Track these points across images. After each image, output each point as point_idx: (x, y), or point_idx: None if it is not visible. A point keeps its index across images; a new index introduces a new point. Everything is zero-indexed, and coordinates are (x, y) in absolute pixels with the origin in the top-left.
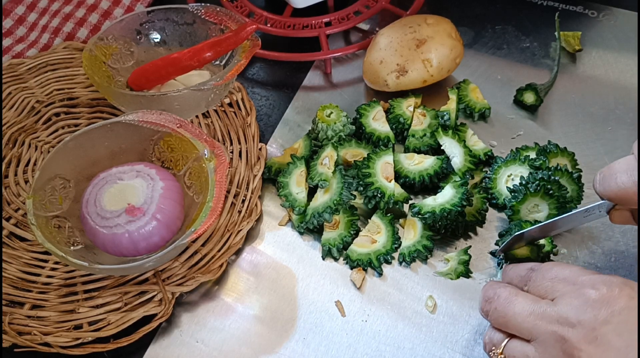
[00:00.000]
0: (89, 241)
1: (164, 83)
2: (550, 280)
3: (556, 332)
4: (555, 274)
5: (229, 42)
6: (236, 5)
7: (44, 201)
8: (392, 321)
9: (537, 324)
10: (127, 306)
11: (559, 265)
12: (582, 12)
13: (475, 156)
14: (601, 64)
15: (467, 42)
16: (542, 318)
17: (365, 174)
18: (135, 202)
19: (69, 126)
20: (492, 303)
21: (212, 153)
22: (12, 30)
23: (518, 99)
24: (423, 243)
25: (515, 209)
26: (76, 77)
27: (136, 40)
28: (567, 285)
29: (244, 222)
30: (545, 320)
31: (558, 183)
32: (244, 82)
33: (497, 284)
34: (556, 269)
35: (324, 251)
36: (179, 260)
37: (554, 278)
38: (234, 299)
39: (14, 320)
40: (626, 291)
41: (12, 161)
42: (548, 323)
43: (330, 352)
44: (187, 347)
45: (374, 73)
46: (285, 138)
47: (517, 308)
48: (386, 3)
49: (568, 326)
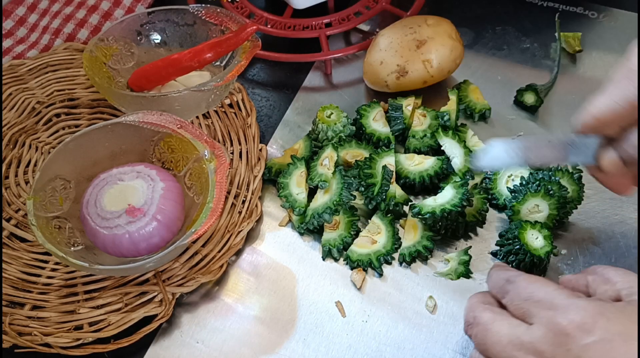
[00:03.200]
0: (89, 241)
1: (164, 84)
2: (525, 300)
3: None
4: (530, 294)
5: (229, 43)
6: (236, 6)
7: (45, 201)
8: (392, 321)
9: (515, 354)
10: (127, 307)
11: (533, 283)
12: (583, 13)
13: None
14: (601, 65)
15: (468, 43)
16: (520, 349)
17: (367, 174)
18: (135, 203)
19: (70, 126)
20: (472, 329)
21: (213, 154)
22: (13, 31)
23: (518, 99)
24: (423, 243)
25: (516, 210)
26: (77, 78)
27: (137, 41)
28: (542, 310)
29: (244, 223)
30: (523, 351)
31: (559, 183)
32: (244, 83)
33: (476, 305)
34: (531, 288)
35: (324, 251)
36: (179, 261)
37: (528, 298)
38: (234, 300)
39: (14, 321)
40: (600, 323)
41: (13, 162)
42: (525, 354)
43: (330, 353)
44: (187, 348)
45: (374, 74)
46: (286, 138)
47: (495, 337)
48: (386, 4)
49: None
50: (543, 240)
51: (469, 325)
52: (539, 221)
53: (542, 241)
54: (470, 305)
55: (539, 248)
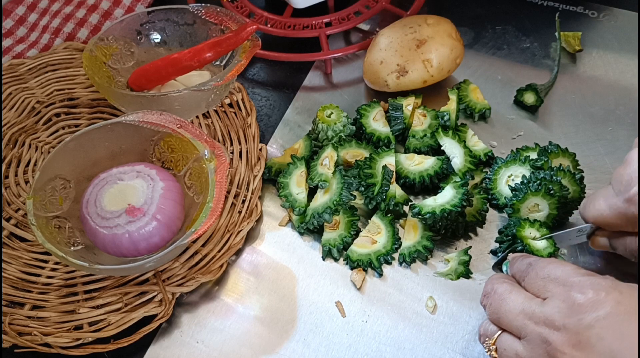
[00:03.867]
0: (89, 241)
1: (164, 83)
2: (542, 278)
3: (542, 333)
4: (548, 273)
5: (229, 42)
6: (236, 6)
7: (44, 201)
8: (392, 321)
9: (526, 323)
10: (127, 306)
11: (553, 263)
12: (583, 13)
13: (475, 157)
14: (601, 65)
15: (468, 42)
16: (531, 318)
17: (367, 174)
18: (135, 202)
19: (70, 126)
20: (488, 298)
21: (213, 154)
22: (13, 30)
23: (518, 99)
24: (423, 243)
25: (516, 208)
26: (76, 78)
27: (136, 41)
28: (558, 286)
29: (244, 222)
30: (534, 320)
31: (560, 183)
32: (244, 83)
33: (497, 279)
34: (550, 267)
35: (324, 251)
36: (179, 261)
37: (546, 277)
38: (234, 299)
39: (14, 321)
40: (613, 296)
41: (13, 162)
42: (535, 324)
43: (330, 353)
44: (187, 348)
45: (374, 73)
46: (286, 138)
47: (509, 305)
48: (386, 3)
49: (553, 329)
50: (545, 241)
51: (486, 295)
52: (538, 220)
53: (545, 243)
54: (491, 279)
55: (541, 248)
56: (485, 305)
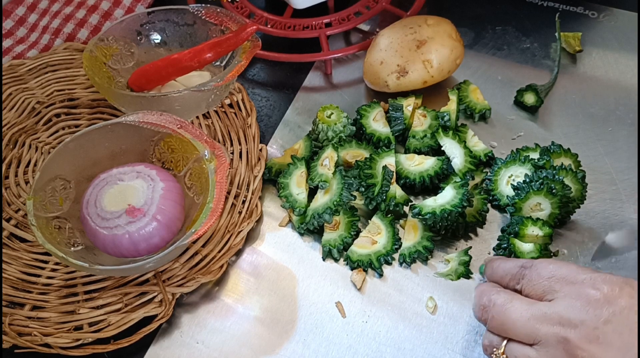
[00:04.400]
0: (89, 242)
1: (164, 84)
2: (547, 279)
3: (558, 333)
4: (552, 273)
5: (229, 43)
6: (236, 6)
7: (45, 202)
8: (392, 322)
9: (538, 327)
10: (127, 307)
11: (554, 263)
12: (583, 13)
13: (475, 157)
14: (601, 65)
15: (468, 43)
16: (543, 321)
17: (367, 175)
18: (135, 203)
19: (70, 126)
20: (488, 312)
21: (213, 154)
22: (13, 31)
23: (518, 99)
24: (423, 244)
25: (518, 207)
26: (76, 78)
27: (136, 41)
28: (566, 285)
29: (244, 223)
30: (546, 322)
31: (562, 182)
32: (244, 83)
33: (489, 290)
34: (552, 267)
35: (325, 252)
36: (179, 261)
37: (551, 277)
38: (234, 300)
39: (14, 321)
40: (627, 290)
41: (13, 162)
42: (549, 326)
43: (330, 353)
44: (187, 348)
45: (375, 74)
46: (286, 138)
47: (515, 314)
48: (386, 4)
49: (570, 327)
50: (532, 245)
51: (484, 309)
52: (541, 219)
53: (532, 246)
54: (481, 290)
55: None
56: (486, 319)
